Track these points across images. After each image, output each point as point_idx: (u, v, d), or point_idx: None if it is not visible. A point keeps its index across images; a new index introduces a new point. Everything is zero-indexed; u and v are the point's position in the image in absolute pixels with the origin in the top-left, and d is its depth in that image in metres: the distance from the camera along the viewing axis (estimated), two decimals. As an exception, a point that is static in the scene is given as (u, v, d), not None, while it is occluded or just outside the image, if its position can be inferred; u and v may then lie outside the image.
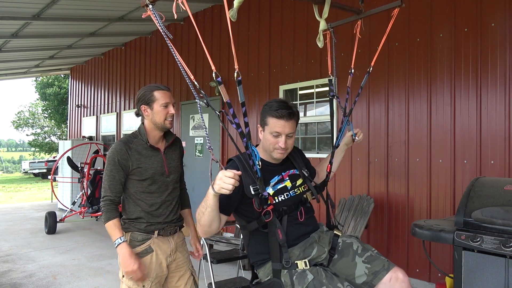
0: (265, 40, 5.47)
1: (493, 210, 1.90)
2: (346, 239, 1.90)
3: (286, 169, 1.91)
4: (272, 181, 1.83)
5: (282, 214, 1.77)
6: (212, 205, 1.59)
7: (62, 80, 20.61)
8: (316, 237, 1.86)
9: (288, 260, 1.69)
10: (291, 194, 1.86)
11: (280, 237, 1.68)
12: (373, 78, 4.25)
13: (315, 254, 1.81)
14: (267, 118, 1.82)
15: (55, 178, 8.45)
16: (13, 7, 5.43)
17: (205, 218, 1.64)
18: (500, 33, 3.38)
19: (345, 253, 1.83)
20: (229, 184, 1.46)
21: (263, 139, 1.85)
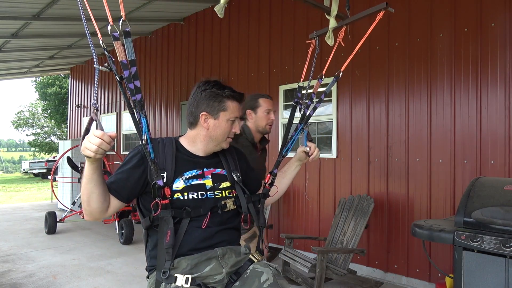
0: (265, 40, 5.47)
1: (493, 210, 1.90)
2: (258, 267, 1.54)
3: (211, 166, 1.61)
4: (187, 174, 1.54)
5: (183, 216, 1.47)
6: (88, 174, 1.32)
7: (63, 80, 20.62)
8: (219, 252, 1.53)
9: (166, 271, 1.41)
10: (208, 195, 1.55)
11: (166, 240, 1.41)
12: (373, 78, 4.25)
13: (207, 273, 1.48)
14: (224, 102, 1.57)
15: (55, 178, 8.45)
16: (13, 7, 5.43)
17: (82, 191, 1.35)
18: (500, 33, 3.38)
19: (249, 282, 1.49)
20: (94, 144, 1.22)
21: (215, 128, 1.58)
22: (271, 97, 2.46)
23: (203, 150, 1.63)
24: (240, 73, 5.83)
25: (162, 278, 1.41)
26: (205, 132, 1.59)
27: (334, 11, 2.09)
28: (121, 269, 4.48)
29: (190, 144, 1.63)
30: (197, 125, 1.60)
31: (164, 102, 7.47)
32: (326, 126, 4.79)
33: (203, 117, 1.57)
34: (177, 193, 1.49)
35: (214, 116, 1.58)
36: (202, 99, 1.57)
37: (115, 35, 1.30)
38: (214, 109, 1.57)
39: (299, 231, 4.91)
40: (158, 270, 1.44)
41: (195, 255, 1.49)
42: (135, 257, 4.99)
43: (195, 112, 1.59)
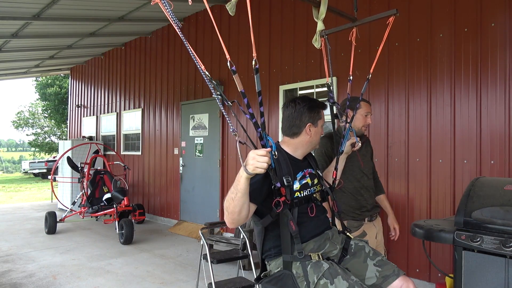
0: (265, 40, 5.47)
1: (493, 210, 1.90)
2: (358, 242, 1.95)
3: (307, 167, 1.96)
4: (298, 176, 1.87)
5: (293, 206, 1.77)
6: (243, 189, 1.54)
7: (63, 80, 20.62)
8: (330, 234, 1.92)
9: (301, 251, 1.71)
10: (312, 190, 1.91)
11: (293, 228, 1.69)
12: (373, 78, 4.25)
13: (327, 249, 1.87)
14: (320, 112, 1.95)
15: (55, 178, 8.45)
16: (13, 7, 5.43)
17: (234, 204, 1.58)
18: (500, 33, 3.38)
19: (357, 254, 1.89)
20: (264, 162, 1.44)
21: (316, 134, 1.93)
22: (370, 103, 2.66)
23: (302, 153, 1.96)
24: (240, 73, 5.80)
25: (297, 257, 1.70)
26: (308, 138, 1.93)
27: (322, 14, 2.13)
28: (121, 269, 4.48)
29: (293, 150, 1.94)
30: (300, 134, 1.93)
31: (164, 102, 7.47)
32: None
33: (308, 127, 1.91)
34: (296, 192, 1.83)
35: (315, 125, 1.93)
36: (305, 112, 1.91)
37: (233, 69, 1.54)
38: (315, 119, 1.93)
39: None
40: (286, 253, 1.72)
41: (316, 238, 1.86)
42: (135, 257, 4.99)
43: (299, 123, 1.92)
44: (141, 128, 8.06)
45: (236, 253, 3.66)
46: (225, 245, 4.46)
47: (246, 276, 3.69)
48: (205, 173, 6.45)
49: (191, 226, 6.39)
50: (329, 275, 1.65)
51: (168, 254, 5.15)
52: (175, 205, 7.08)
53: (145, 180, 7.94)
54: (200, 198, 6.47)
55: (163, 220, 7.37)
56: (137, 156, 8.21)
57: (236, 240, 4.47)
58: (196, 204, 6.56)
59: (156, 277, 4.20)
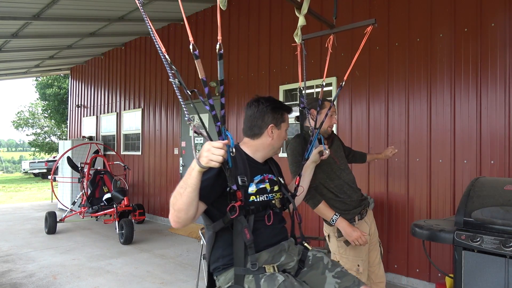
0: (265, 40, 5.47)
1: (493, 210, 1.90)
2: (316, 253, 1.83)
3: (267, 172, 1.83)
4: (256, 179, 1.75)
5: (249, 213, 1.65)
6: (194, 184, 1.40)
7: (62, 81, 20.61)
8: (286, 245, 1.77)
9: (255, 263, 1.57)
10: (270, 197, 1.77)
11: (247, 237, 1.56)
12: (373, 78, 4.25)
13: (283, 261, 1.72)
14: (284, 115, 1.85)
15: (55, 178, 8.45)
16: (13, 7, 5.43)
17: (182, 201, 1.43)
18: (500, 33, 3.38)
19: (315, 266, 1.76)
20: (219, 155, 1.31)
21: (278, 137, 1.83)
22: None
23: (262, 157, 1.85)
24: (240, 73, 5.83)
25: (250, 270, 1.57)
26: (269, 141, 1.82)
27: (305, 9, 2.15)
28: (121, 269, 4.48)
29: (252, 152, 1.83)
30: (261, 136, 1.82)
31: (164, 102, 7.47)
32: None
33: (271, 128, 1.81)
34: (252, 196, 1.70)
35: (278, 127, 1.83)
36: (268, 113, 1.81)
37: (196, 53, 1.41)
38: (278, 121, 1.82)
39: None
40: (238, 265, 1.58)
41: (271, 249, 1.70)
42: (135, 257, 4.99)
43: (261, 124, 1.81)
44: (141, 128, 8.06)
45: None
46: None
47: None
48: (205, 173, 6.44)
49: (191, 226, 6.39)
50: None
51: (168, 254, 5.15)
52: (175, 205, 7.07)
53: (145, 180, 7.94)
54: (200, 198, 6.45)
55: (163, 220, 7.37)
56: (137, 156, 8.21)
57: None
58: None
59: (156, 277, 4.20)
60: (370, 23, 2.05)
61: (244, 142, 1.86)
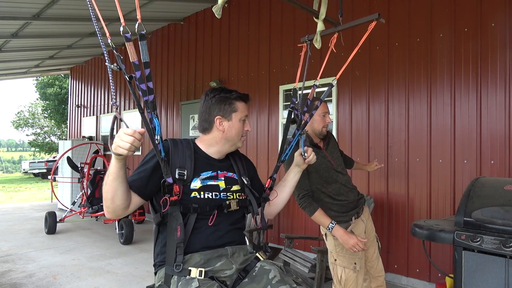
0: (265, 40, 5.47)
1: (493, 210, 1.90)
2: (265, 265, 1.64)
3: (224, 169, 1.70)
4: (204, 174, 1.62)
5: (190, 212, 1.54)
6: (114, 172, 1.35)
7: (63, 80, 20.61)
8: (229, 250, 1.62)
9: (179, 264, 1.48)
10: (221, 196, 1.63)
11: (177, 235, 1.47)
12: (373, 78, 4.25)
13: (218, 268, 1.57)
14: (233, 103, 1.67)
15: (55, 178, 8.45)
16: (13, 7, 5.43)
17: (106, 189, 1.39)
18: (500, 33, 3.38)
19: (257, 279, 1.58)
20: (127, 142, 1.26)
21: (230, 129, 1.68)
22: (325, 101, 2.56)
23: (218, 152, 1.71)
24: (240, 73, 5.83)
25: (174, 271, 1.47)
26: (221, 134, 1.68)
27: (323, 14, 2.11)
28: (121, 269, 4.48)
29: (206, 147, 1.71)
30: (212, 130, 1.69)
31: (164, 102, 7.47)
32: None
33: (218, 120, 1.67)
34: (194, 191, 1.57)
35: (228, 118, 1.67)
36: (214, 104, 1.67)
37: (127, 36, 1.33)
38: (226, 112, 1.67)
39: (299, 231, 4.91)
40: (168, 264, 1.49)
41: (207, 252, 1.57)
42: (135, 257, 4.99)
43: (208, 118, 1.68)
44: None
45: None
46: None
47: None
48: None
49: (191, 226, 6.39)
50: None
51: (168, 254, 5.14)
52: (175, 205, 7.08)
53: (145, 180, 7.93)
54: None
55: (163, 220, 7.37)
56: (137, 156, 8.21)
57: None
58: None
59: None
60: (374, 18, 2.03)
61: (199, 138, 1.74)
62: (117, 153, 1.29)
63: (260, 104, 5.47)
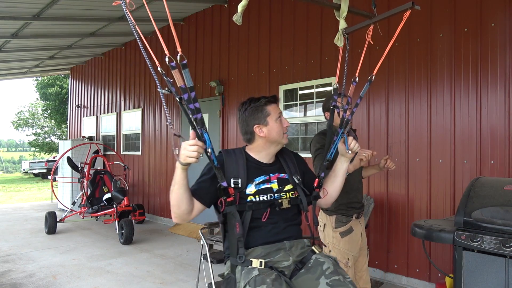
0: (265, 40, 5.47)
1: (493, 210, 1.90)
2: (320, 257, 1.77)
3: (275, 171, 1.86)
4: (257, 180, 1.79)
5: (245, 209, 1.72)
6: (179, 181, 1.55)
7: (63, 80, 20.61)
8: (287, 245, 1.78)
9: (242, 256, 1.67)
10: (275, 196, 1.79)
11: (236, 231, 1.66)
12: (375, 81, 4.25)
13: (277, 259, 1.74)
14: (265, 109, 1.83)
15: (55, 178, 8.45)
16: (13, 7, 5.43)
17: (173, 197, 1.60)
18: (500, 33, 3.38)
19: (312, 270, 1.72)
20: (193, 151, 1.45)
21: (270, 132, 1.82)
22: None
23: (268, 154, 1.88)
24: (240, 73, 5.83)
25: (238, 262, 1.67)
26: (264, 139, 1.84)
27: (344, 12, 2.09)
28: (121, 269, 4.48)
29: (256, 153, 1.88)
30: (255, 138, 1.86)
31: (164, 102, 7.46)
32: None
33: (257, 129, 1.83)
34: (250, 196, 1.75)
35: (264, 124, 1.83)
36: (248, 116, 1.84)
37: (173, 65, 1.51)
38: (261, 119, 1.83)
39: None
40: (232, 256, 1.70)
41: (267, 246, 1.75)
42: (135, 257, 4.99)
43: (248, 129, 1.86)
44: (141, 128, 8.05)
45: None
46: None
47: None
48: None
49: (191, 226, 6.39)
50: (253, 282, 1.57)
51: (168, 254, 5.15)
52: (175, 205, 7.08)
53: (145, 180, 7.94)
54: (200, 198, 6.46)
55: (163, 220, 7.37)
56: (137, 156, 8.21)
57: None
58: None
59: (156, 277, 4.20)
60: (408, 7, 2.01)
61: (247, 147, 1.92)
62: (187, 162, 1.48)
63: (260, 104, 5.47)
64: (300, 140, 5.08)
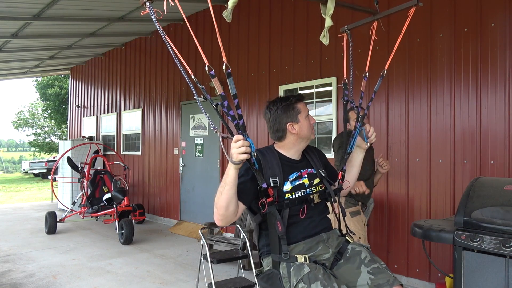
0: (265, 40, 5.47)
1: (493, 210, 1.90)
2: (356, 246, 1.87)
3: (304, 167, 1.94)
4: (291, 177, 1.86)
5: (283, 207, 1.78)
6: (232, 181, 1.57)
7: (63, 80, 20.61)
8: (324, 237, 1.88)
9: (286, 252, 1.72)
10: (308, 191, 1.88)
11: (279, 229, 1.70)
12: (373, 78, 4.25)
13: (318, 252, 1.83)
14: (296, 107, 1.90)
15: (55, 178, 8.45)
16: (13, 7, 5.43)
17: (222, 198, 1.61)
18: (500, 33, 3.38)
19: (352, 260, 1.82)
20: (242, 146, 1.46)
21: (302, 129, 1.89)
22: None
23: (298, 150, 1.95)
24: (240, 73, 5.83)
25: (282, 258, 1.72)
26: (296, 136, 1.91)
27: (330, 10, 2.09)
28: (121, 269, 4.48)
29: (286, 151, 1.93)
30: (286, 136, 1.91)
31: (164, 102, 7.47)
32: (326, 126, 4.79)
33: (290, 126, 1.89)
34: (287, 193, 1.81)
35: (296, 121, 1.89)
36: (281, 114, 1.89)
37: (212, 73, 1.55)
38: (293, 116, 1.89)
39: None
40: (274, 253, 1.75)
41: (307, 240, 1.83)
42: (135, 257, 4.99)
43: (280, 127, 1.90)
44: (141, 128, 8.05)
45: (236, 253, 3.66)
46: (225, 245, 4.46)
47: (246, 276, 3.69)
48: (205, 173, 6.45)
49: (191, 226, 6.39)
50: (307, 279, 1.62)
51: (168, 254, 5.15)
52: (175, 205, 7.08)
53: (145, 180, 7.94)
54: (200, 198, 6.47)
55: (163, 220, 7.37)
56: (137, 156, 8.21)
57: (236, 240, 4.47)
58: (196, 204, 6.55)
59: (156, 277, 4.20)
60: (413, 4, 2.03)
61: (277, 144, 1.97)
62: (240, 160, 1.48)
63: (260, 104, 5.47)
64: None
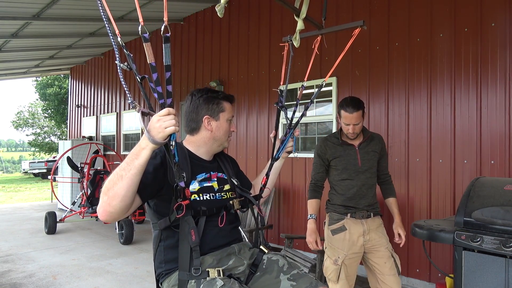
0: (265, 40, 5.47)
1: (493, 210, 1.90)
2: (271, 256, 1.71)
3: (215, 170, 1.72)
4: (199, 177, 1.64)
5: (200, 215, 1.54)
6: (141, 165, 1.25)
7: (62, 80, 20.62)
8: (236, 248, 1.66)
9: (198, 268, 1.45)
10: (217, 196, 1.65)
11: (193, 239, 1.44)
12: (373, 78, 4.25)
13: (231, 265, 1.60)
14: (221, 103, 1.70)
15: (55, 178, 8.45)
16: (13, 7, 5.43)
17: (122, 185, 1.26)
18: (500, 33, 3.38)
19: (269, 270, 1.64)
20: (171, 120, 1.22)
21: (218, 128, 1.70)
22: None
23: (207, 152, 1.73)
24: (240, 73, 5.83)
25: (192, 275, 1.45)
26: (209, 134, 1.69)
27: (303, 13, 2.11)
28: (121, 269, 4.48)
29: (195, 148, 1.71)
30: (200, 130, 1.70)
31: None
32: (326, 126, 4.78)
33: (206, 120, 1.67)
34: (193, 194, 1.58)
35: (215, 118, 1.69)
36: (201, 104, 1.68)
37: (146, 36, 1.28)
38: (214, 111, 1.68)
39: (299, 231, 4.91)
40: (182, 270, 1.46)
41: (217, 252, 1.59)
42: (135, 257, 4.99)
43: (196, 117, 1.68)
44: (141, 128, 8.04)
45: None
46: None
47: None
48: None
49: (191, 226, 6.39)
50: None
51: (168, 254, 5.14)
52: (175, 205, 7.07)
53: (145, 180, 7.93)
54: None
55: (163, 220, 7.36)
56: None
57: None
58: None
59: (156, 277, 4.20)
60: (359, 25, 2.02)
61: (186, 139, 1.74)
62: (166, 135, 1.21)
63: (260, 104, 5.47)
64: (300, 140, 5.08)
